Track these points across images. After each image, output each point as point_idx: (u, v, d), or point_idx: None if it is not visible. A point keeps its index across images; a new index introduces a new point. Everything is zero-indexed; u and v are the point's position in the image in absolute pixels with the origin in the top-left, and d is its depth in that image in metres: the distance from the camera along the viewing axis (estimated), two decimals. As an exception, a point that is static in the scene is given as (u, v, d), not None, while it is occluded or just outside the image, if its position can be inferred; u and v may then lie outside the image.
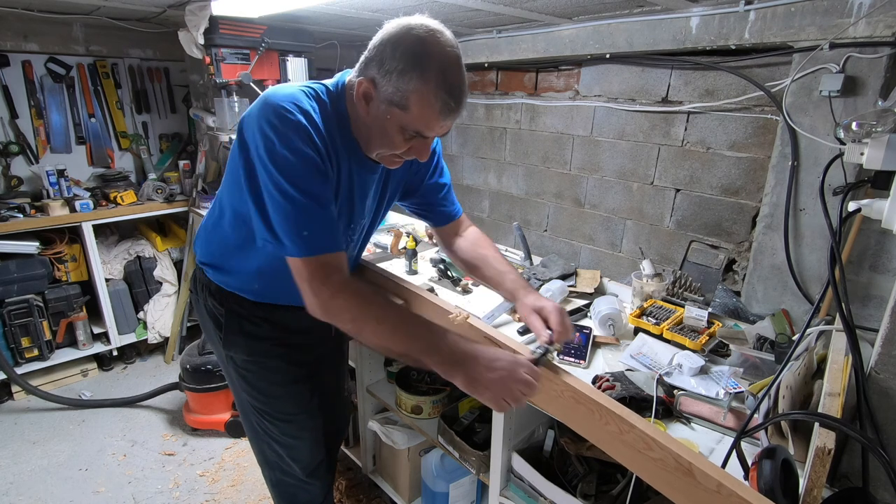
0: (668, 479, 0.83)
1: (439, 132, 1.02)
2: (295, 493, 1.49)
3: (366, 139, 1.07)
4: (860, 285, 1.38)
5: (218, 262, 1.23)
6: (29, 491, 2.11)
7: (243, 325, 1.25)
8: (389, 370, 1.93)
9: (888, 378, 0.91)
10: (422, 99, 0.94)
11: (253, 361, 1.28)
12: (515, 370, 0.93)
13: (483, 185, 2.62)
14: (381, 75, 0.96)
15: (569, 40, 1.93)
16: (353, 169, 1.11)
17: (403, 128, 0.99)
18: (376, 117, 1.00)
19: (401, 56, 0.93)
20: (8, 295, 2.57)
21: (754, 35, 1.44)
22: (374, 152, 1.07)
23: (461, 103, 0.98)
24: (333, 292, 0.97)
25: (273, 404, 1.33)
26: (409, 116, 0.96)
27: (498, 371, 0.93)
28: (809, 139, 1.37)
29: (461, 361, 0.94)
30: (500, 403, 0.93)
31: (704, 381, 1.21)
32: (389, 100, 0.96)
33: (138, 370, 3.06)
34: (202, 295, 1.29)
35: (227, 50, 2.34)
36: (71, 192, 2.75)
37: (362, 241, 1.34)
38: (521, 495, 1.36)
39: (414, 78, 0.93)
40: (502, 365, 0.94)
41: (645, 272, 1.60)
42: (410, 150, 1.04)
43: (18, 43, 2.65)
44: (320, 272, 0.97)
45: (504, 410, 0.96)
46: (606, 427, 0.92)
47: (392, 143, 1.02)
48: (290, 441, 1.38)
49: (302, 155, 0.95)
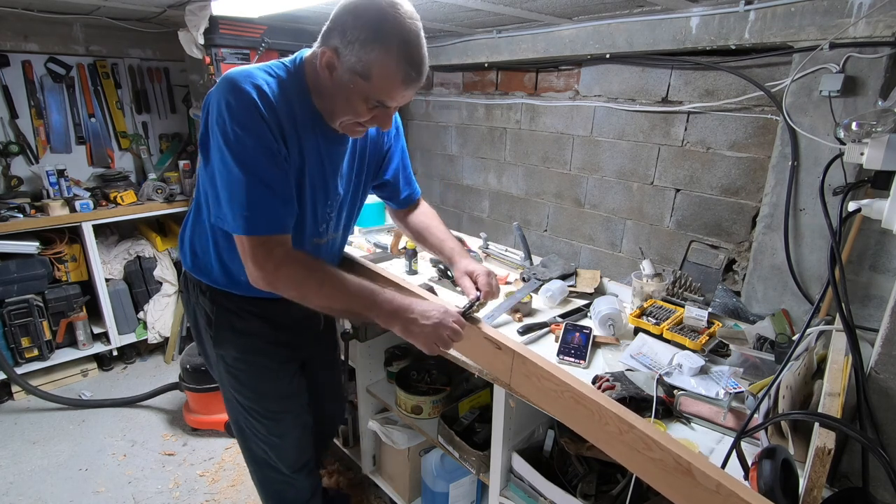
0: (668, 480, 0.83)
1: (401, 101, 1.06)
2: (282, 490, 1.50)
3: (329, 108, 1.09)
4: (860, 285, 1.38)
5: (203, 261, 1.25)
6: (29, 491, 2.11)
7: (233, 321, 1.27)
8: (389, 370, 1.93)
9: (888, 378, 0.91)
10: (384, 69, 0.97)
11: (243, 359, 1.31)
12: (445, 318, 1.06)
13: (483, 185, 2.62)
14: (343, 45, 0.98)
15: (569, 40, 1.93)
16: (319, 142, 1.13)
17: (367, 97, 1.02)
18: (340, 86, 1.02)
19: (363, 26, 0.95)
20: (8, 295, 2.57)
21: (754, 35, 1.44)
22: (337, 121, 1.09)
23: (422, 73, 1.01)
24: (277, 264, 1.03)
25: (261, 402, 1.36)
26: (372, 86, 0.99)
27: (430, 319, 1.06)
28: (809, 139, 1.37)
29: (398, 312, 1.06)
30: (432, 347, 1.07)
31: (704, 381, 1.21)
32: (352, 69, 0.98)
33: (138, 370, 3.06)
34: (193, 293, 1.31)
35: (227, 50, 2.34)
36: (71, 192, 2.75)
37: (345, 223, 1.34)
38: (521, 495, 1.36)
39: (376, 48, 0.95)
40: (434, 315, 1.06)
41: (645, 272, 1.60)
42: (374, 118, 1.08)
43: (18, 43, 2.65)
44: (262, 248, 1.02)
45: (434, 353, 1.09)
46: (606, 427, 0.92)
47: (356, 112, 1.05)
48: (276, 440, 1.41)
49: (253, 132, 0.98)
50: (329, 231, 1.27)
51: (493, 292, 1.25)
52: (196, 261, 1.26)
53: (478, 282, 1.25)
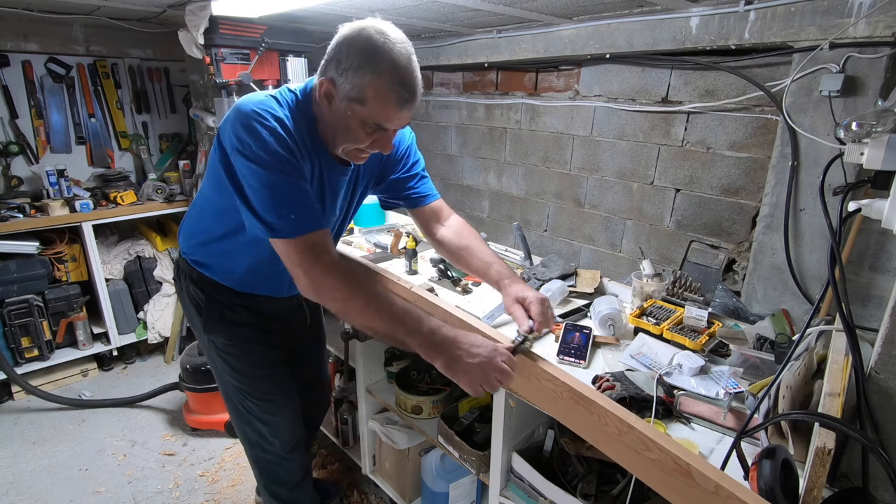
0: (667, 481, 0.83)
1: (398, 123, 1.08)
2: (275, 470, 1.57)
3: (331, 137, 1.12)
4: (860, 285, 1.38)
5: (201, 253, 1.32)
6: (29, 491, 2.11)
7: (223, 311, 1.33)
8: (389, 370, 1.93)
9: (888, 378, 0.91)
10: (377, 92, 1.01)
11: (233, 345, 1.37)
12: (493, 357, 0.98)
13: (483, 185, 2.62)
14: (338, 74, 1.03)
15: (569, 40, 1.93)
16: (323, 171, 1.17)
17: (364, 122, 1.05)
18: (339, 115, 1.06)
19: (355, 54, 1.00)
20: (8, 295, 2.57)
21: (754, 35, 1.44)
22: (339, 148, 1.13)
23: (415, 94, 1.05)
24: (324, 272, 1.01)
25: (253, 385, 1.42)
26: (368, 110, 1.03)
27: (477, 357, 0.97)
28: (809, 139, 1.37)
29: (443, 345, 0.98)
30: (477, 388, 0.98)
31: (704, 381, 1.21)
32: (348, 96, 1.03)
33: (138, 370, 3.06)
34: (185, 283, 1.37)
35: (227, 50, 2.34)
36: (71, 192, 2.75)
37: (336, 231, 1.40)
38: (521, 495, 1.36)
39: (368, 72, 0.99)
40: (481, 352, 0.98)
41: (645, 272, 1.60)
42: (374, 143, 1.10)
43: (18, 43, 2.65)
44: (311, 253, 1.02)
45: (479, 395, 1.01)
46: (605, 428, 0.92)
47: (356, 138, 1.08)
48: (270, 419, 1.47)
49: (277, 155, 1.01)
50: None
51: (547, 322, 1.16)
52: (192, 249, 1.33)
53: (531, 310, 1.16)
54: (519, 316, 1.16)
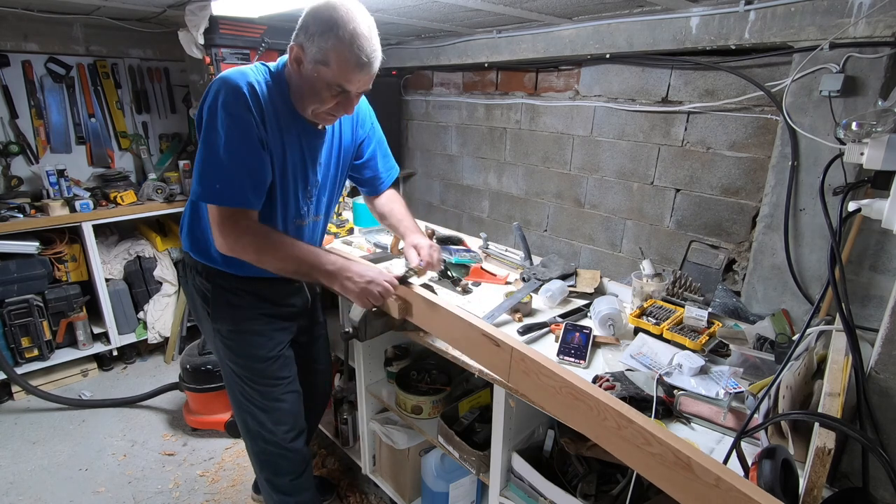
0: (667, 475, 0.82)
1: (359, 86, 1.20)
2: (277, 461, 1.60)
3: (300, 99, 1.23)
4: (860, 285, 1.38)
5: (203, 245, 1.38)
6: (29, 491, 2.11)
7: (229, 297, 1.41)
8: (389, 370, 1.93)
9: (888, 378, 0.91)
10: (339, 55, 1.12)
11: (237, 331, 1.44)
12: (378, 278, 1.26)
13: (483, 185, 2.62)
14: (307, 39, 1.14)
15: (569, 40, 1.93)
16: (300, 136, 1.29)
17: (329, 83, 1.16)
18: (307, 77, 1.18)
19: (321, 21, 1.12)
20: (8, 295, 2.57)
21: (754, 35, 1.44)
22: (308, 109, 1.23)
23: (373, 59, 1.16)
24: (239, 233, 1.19)
25: (256, 370, 1.48)
26: (332, 71, 1.14)
27: (364, 277, 1.25)
28: (809, 139, 1.37)
29: (339, 272, 1.25)
30: (364, 301, 1.27)
31: (704, 381, 1.21)
32: (315, 58, 1.14)
33: (138, 370, 3.06)
34: (190, 275, 1.45)
35: (227, 50, 2.34)
36: (71, 192, 2.74)
37: (325, 208, 1.49)
38: (521, 495, 1.36)
39: (332, 37, 1.11)
40: (369, 275, 1.26)
41: (645, 272, 1.60)
42: (338, 105, 1.22)
43: (18, 43, 2.65)
44: (230, 219, 1.18)
45: (367, 307, 1.29)
46: (604, 423, 0.92)
47: (321, 99, 1.19)
48: (273, 404, 1.52)
49: (240, 121, 1.14)
50: (310, 214, 1.42)
51: (433, 263, 1.42)
52: (196, 244, 1.39)
53: (420, 253, 1.42)
54: (411, 256, 1.43)
